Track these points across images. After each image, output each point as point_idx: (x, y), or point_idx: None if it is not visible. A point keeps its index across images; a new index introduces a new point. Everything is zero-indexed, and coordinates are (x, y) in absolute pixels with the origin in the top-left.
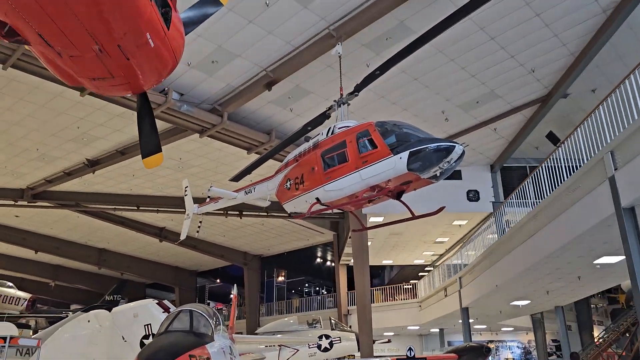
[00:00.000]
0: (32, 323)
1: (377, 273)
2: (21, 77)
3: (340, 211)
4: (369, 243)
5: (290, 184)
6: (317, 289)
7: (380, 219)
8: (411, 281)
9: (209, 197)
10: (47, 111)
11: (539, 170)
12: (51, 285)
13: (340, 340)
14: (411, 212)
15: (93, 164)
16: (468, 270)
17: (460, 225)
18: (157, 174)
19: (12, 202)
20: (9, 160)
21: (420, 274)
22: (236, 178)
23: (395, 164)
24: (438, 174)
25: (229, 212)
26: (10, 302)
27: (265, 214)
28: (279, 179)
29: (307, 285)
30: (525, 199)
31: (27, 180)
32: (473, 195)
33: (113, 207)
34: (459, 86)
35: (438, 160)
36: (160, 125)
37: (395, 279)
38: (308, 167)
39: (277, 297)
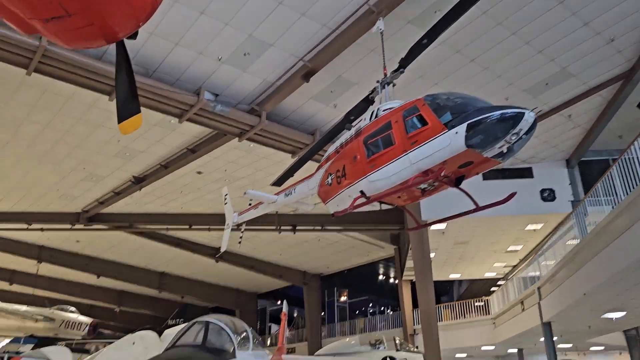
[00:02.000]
0: (92, 347)
1: (445, 289)
2: (53, 87)
3: (400, 227)
4: (432, 255)
5: (331, 180)
6: (382, 308)
7: (442, 226)
8: (483, 297)
9: (249, 204)
10: (84, 125)
11: (627, 158)
12: (116, 311)
13: None
14: (474, 203)
15: (139, 181)
16: (548, 278)
17: (534, 230)
18: (205, 189)
19: (70, 226)
20: (60, 183)
21: (492, 288)
22: (277, 182)
23: (451, 141)
24: (505, 151)
25: (282, 228)
26: (72, 327)
27: (320, 227)
28: (319, 176)
29: (371, 304)
30: (610, 195)
31: (80, 203)
32: (548, 195)
33: (165, 227)
34: (523, 66)
35: (503, 132)
36: (198, 131)
37: (465, 295)
38: (349, 157)
39: (340, 317)
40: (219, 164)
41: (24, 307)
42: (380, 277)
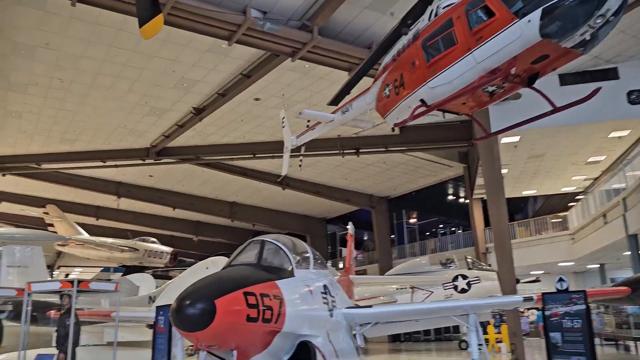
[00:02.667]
0: (173, 275)
1: (519, 207)
2: (102, 19)
3: (468, 144)
4: (504, 171)
5: (389, 91)
6: (453, 228)
7: (515, 139)
8: (560, 213)
9: (307, 125)
10: (139, 57)
11: None
12: (194, 240)
13: (479, 280)
14: (551, 103)
15: (199, 112)
16: (635, 188)
17: (619, 137)
18: (264, 117)
19: (141, 161)
20: (126, 119)
21: (570, 204)
22: (334, 101)
23: (522, 32)
24: (588, 38)
25: (345, 151)
26: (155, 257)
27: (384, 149)
28: (376, 89)
29: (441, 225)
30: None
31: (148, 139)
32: (636, 97)
33: (230, 157)
34: None
35: (586, 14)
36: (250, 55)
37: (540, 212)
38: (407, 65)
39: (409, 239)
40: (275, 89)
41: (110, 240)
42: (450, 197)
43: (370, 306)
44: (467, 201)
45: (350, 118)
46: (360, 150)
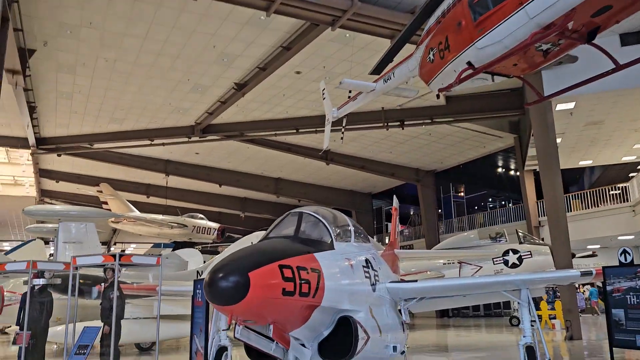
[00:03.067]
0: (221, 250)
1: (574, 178)
2: None
3: (519, 113)
4: (559, 140)
5: (433, 55)
6: (503, 202)
7: (570, 105)
8: (619, 184)
9: (349, 96)
10: (179, 32)
11: None
12: (241, 217)
13: (530, 254)
14: (613, 60)
15: (241, 87)
16: None
17: None
18: (306, 90)
19: (187, 139)
20: (170, 96)
21: (630, 174)
22: (376, 69)
23: None
24: None
25: (389, 124)
26: (203, 233)
27: (429, 120)
28: (419, 54)
29: (490, 199)
30: None
31: (192, 116)
32: None
33: (273, 132)
34: None
35: None
36: (290, 25)
37: (598, 183)
38: (452, 26)
39: (457, 213)
40: (316, 62)
41: (160, 216)
42: (500, 169)
43: (415, 281)
44: (518, 173)
45: (393, 87)
46: (404, 123)
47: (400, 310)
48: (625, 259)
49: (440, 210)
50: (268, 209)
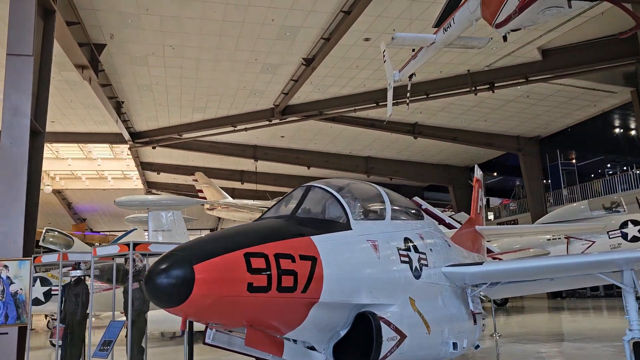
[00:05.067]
0: None
1: None
2: None
3: (635, 60)
4: None
5: None
6: (625, 167)
7: None
8: None
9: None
10: (234, 8)
11: None
12: None
13: None
14: None
15: (310, 62)
16: None
17: None
18: (379, 59)
19: (268, 122)
20: (242, 79)
21: None
22: (439, 21)
23: None
24: None
25: (477, 87)
26: None
27: (524, 79)
28: None
29: (608, 165)
30: None
31: (269, 98)
32: None
33: (352, 108)
34: None
35: None
36: None
37: None
38: None
39: (568, 182)
40: (384, 25)
41: (250, 202)
42: (617, 129)
43: (480, 263)
44: (638, 132)
45: (455, 35)
46: (495, 85)
47: (470, 299)
48: None
49: (547, 181)
50: None
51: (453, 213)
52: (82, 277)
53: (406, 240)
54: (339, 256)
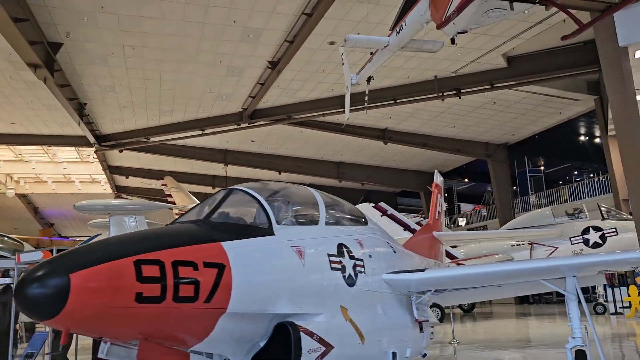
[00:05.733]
0: None
1: None
2: None
3: (595, 67)
4: None
5: None
6: (592, 174)
7: None
8: None
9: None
10: (194, 9)
11: None
12: None
13: (616, 232)
14: None
15: (275, 65)
16: None
17: None
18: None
19: (236, 126)
20: (208, 82)
21: None
22: (395, 24)
23: None
24: None
25: (444, 93)
26: None
27: (489, 85)
28: None
29: (576, 172)
30: None
31: (237, 102)
32: None
33: (321, 112)
34: None
35: None
36: None
37: None
38: None
39: (535, 189)
40: (347, 28)
41: None
42: (582, 137)
43: (423, 270)
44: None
45: (408, 38)
46: (461, 91)
47: (415, 306)
48: None
49: (515, 187)
50: (334, 193)
51: (423, 218)
52: (11, 285)
53: (340, 246)
54: (253, 263)
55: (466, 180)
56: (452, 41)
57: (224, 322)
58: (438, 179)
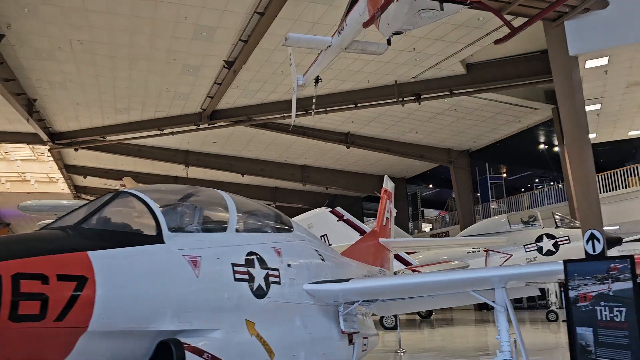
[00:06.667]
0: None
1: (629, 152)
2: None
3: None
4: (598, 107)
5: None
6: (552, 182)
7: (603, 61)
8: None
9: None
10: (143, 4)
11: None
12: (273, 207)
13: (568, 240)
14: None
15: (230, 64)
16: None
17: None
18: (304, 65)
19: (195, 127)
20: (164, 81)
21: None
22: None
23: None
24: None
25: (405, 98)
26: None
27: (449, 92)
28: None
29: (537, 180)
30: None
31: (196, 102)
32: None
33: (281, 115)
34: None
35: None
36: None
37: None
38: None
39: (496, 195)
40: (303, 29)
41: None
42: (541, 145)
43: (346, 280)
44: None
45: (349, 38)
46: (421, 97)
47: (342, 318)
48: (594, 249)
49: (477, 194)
50: (299, 197)
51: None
52: None
53: (251, 255)
54: (129, 275)
55: (430, 186)
56: (388, 42)
57: (85, 342)
58: (388, 184)
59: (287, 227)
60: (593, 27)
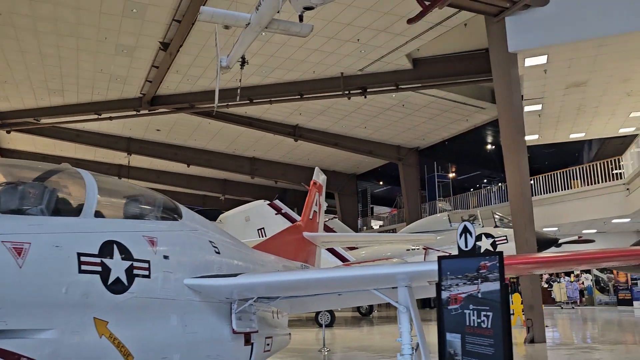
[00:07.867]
0: None
1: (572, 154)
2: None
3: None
4: (539, 107)
5: None
6: (500, 182)
7: (542, 60)
8: (613, 158)
9: None
10: None
11: None
12: (221, 199)
13: (506, 239)
14: None
15: (166, 46)
16: None
17: None
18: (249, 52)
19: (135, 112)
20: (97, 61)
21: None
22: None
23: None
24: None
25: (351, 91)
26: None
27: (394, 86)
28: None
29: (485, 180)
30: None
31: (134, 86)
32: None
33: (225, 103)
34: None
35: None
36: None
37: (598, 160)
38: None
39: (443, 194)
40: (244, 10)
41: None
42: (489, 145)
43: (234, 275)
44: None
45: (268, 14)
46: (367, 90)
47: (234, 316)
48: (466, 244)
49: (424, 192)
50: (248, 191)
51: (332, 218)
52: None
53: (109, 244)
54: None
55: (381, 183)
56: (300, 18)
57: None
58: (319, 177)
59: (172, 216)
60: (533, 24)
